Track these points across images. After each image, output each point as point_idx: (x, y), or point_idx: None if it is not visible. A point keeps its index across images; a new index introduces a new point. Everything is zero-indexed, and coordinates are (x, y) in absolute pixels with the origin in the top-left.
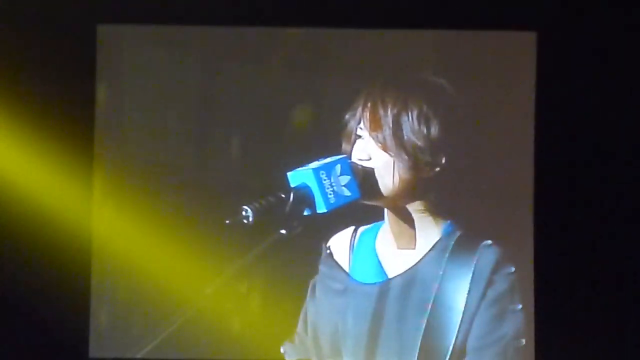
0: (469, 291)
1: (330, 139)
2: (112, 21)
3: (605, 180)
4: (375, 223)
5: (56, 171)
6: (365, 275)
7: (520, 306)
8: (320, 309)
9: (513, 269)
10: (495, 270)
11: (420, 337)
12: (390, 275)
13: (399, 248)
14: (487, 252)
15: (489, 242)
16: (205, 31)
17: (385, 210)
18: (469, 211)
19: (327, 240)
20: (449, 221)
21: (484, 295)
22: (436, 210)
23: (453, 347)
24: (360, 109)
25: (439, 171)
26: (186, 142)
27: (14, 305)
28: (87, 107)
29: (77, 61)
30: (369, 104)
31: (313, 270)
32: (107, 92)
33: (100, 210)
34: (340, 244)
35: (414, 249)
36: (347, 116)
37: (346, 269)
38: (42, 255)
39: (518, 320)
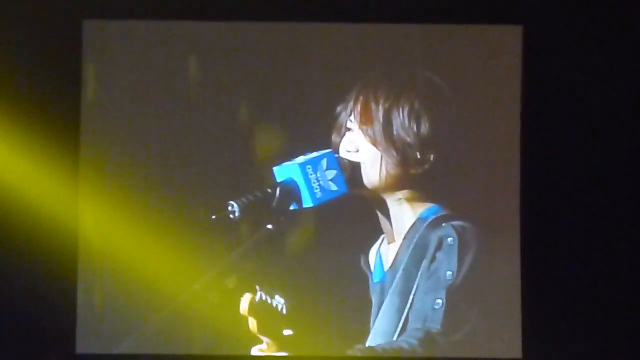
0: (420, 270)
1: (317, 133)
2: (98, 16)
3: (590, 171)
4: None
5: (42, 167)
6: (376, 275)
7: (449, 274)
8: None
9: (451, 240)
10: (438, 246)
11: (379, 319)
12: (385, 270)
13: (388, 243)
14: (439, 231)
15: (444, 223)
16: (191, 26)
17: (375, 207)
18: (453, 198)
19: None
20: (429, 205)
21: (427, 270)
22: (419, 197)
23: (404, 319)
24: (352, 102)
25: (426, 168)
26: (172, 138)
27: (0, 301)
28: (72, 103)
29: (63, 56)
30: (361, 97)
31: (300, 265)
32: (92, 87)
33: (86, 207)
34: (372, 250)
35: (394, 241)
36: (338, 108)
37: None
38: (28, 252)
39: (443, 285)
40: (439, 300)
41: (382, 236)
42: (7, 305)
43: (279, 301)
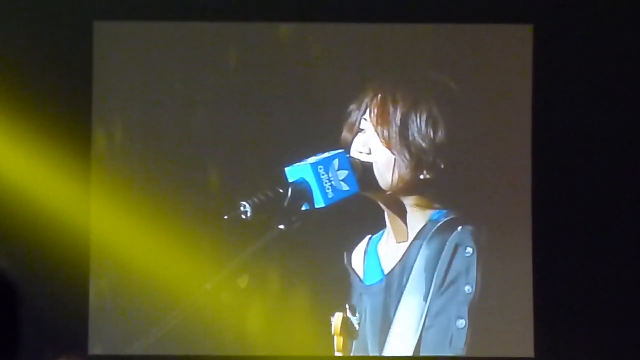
0: (435, 275)
1: (328, 133)
2: (109, 17)
3: (602, 172)
4: (384, 229)
5: (53, 168)
6: (371, 277)
7: (469, 289)
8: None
9: (470, 251)
10: (454, 253)
11: (395, 323)
12: (386, 272)
13: (397, 242)
14: (455, 236)
15: (460, 226)
16: (201, 27)
17: (384, 206)
18: (466, 203)
19: (346, 249)
20: (441, 209)
21: (444, 279)
22: (431, 203)
23: (421, 329)
24: (367, 101)
25: (438, 173)
26: (183, 138)
27: (12, 302)
28: (83, 104)
29: (73, 57)
30: (378, 97)
31: (311, 266)
32: (103, 88)
33: (98, 207)
34: (356, 252)
35: (407, 240)
36: (351, 106)
37: (360, 275)
38: (40, 253)
39: (463, 301)
40: (462, 321)
41: (368, 238)
42: (18, 307)
43: (356, 319)
